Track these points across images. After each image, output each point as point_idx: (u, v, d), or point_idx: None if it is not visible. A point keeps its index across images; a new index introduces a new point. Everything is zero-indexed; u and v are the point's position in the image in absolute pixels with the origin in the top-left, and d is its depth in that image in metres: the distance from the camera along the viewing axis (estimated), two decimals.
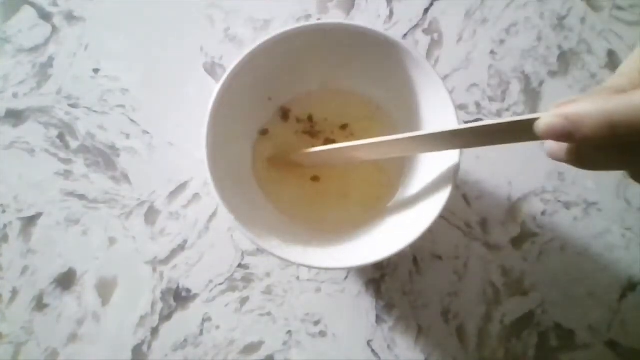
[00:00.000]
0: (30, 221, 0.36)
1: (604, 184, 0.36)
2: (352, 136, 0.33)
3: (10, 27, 0.39)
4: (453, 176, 0.27)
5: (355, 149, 0.28)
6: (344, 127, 0.33)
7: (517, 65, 0.38)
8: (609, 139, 0.16)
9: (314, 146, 0.32)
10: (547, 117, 0.18)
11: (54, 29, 0.39)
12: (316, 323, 0.35)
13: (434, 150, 0.28)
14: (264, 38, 0.27)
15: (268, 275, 0.35)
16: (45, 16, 0.39)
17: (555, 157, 0.19)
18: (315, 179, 0.33)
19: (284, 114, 0.33)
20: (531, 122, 0.19)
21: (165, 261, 0.35)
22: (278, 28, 0.32)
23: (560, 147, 0.19)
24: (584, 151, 0.18)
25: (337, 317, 0.35)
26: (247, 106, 0.30)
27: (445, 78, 0.37)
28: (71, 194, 0.36)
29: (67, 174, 0.37)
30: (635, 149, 0.17)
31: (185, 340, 0.34)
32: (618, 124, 0.16)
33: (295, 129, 0.33)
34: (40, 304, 0.35)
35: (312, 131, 0.33)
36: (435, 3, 0.39)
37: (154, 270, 0.35)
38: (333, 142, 0.33)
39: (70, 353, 0.34)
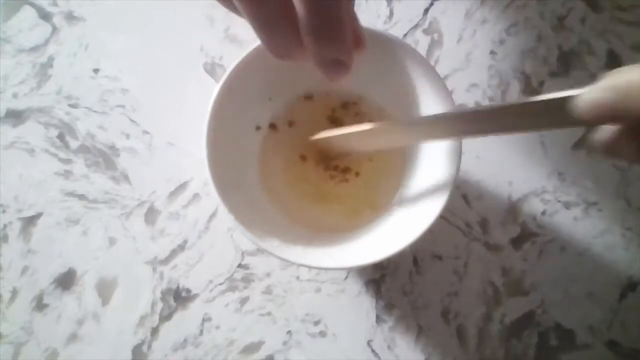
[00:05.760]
0: (30, 221, 0.36)
1: (604, 184, 0.36)
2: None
3: (10, 27, 0.39)
4: (453, 176, 0.27)
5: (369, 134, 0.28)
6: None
7: (517, 65, 0.38)
8: None
9: (316, 145, 0.32)
10: (592, 91, 0.12)
11: (54, 29, 0.39)
12: (316, 323, 0.35)
13: (442, 138, 0.27)
14: None
15: (268, 275, 0.35)
16: (45, 16, 0.39)
17: (614, 154, 0.13)
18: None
19: (308, 97, 0.33)
20: (565, 100, 0.13)
21: (165, 261, 0.35)
22: None
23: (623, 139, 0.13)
24: None
25: (337, 317, 0.35)
26: (247, 106, 0.30)
27: (445, 78, 0.37)
28: (71, 194, 0.36)
29: (67, 174, 0.37)
30: None
31: (185, 340, 0.34)
32: None
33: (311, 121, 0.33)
34: (40, 304, 0.35)
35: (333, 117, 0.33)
36: (435, 3, 0.39)
37: (154, 270, 0.35)
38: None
39: (70, 353, 0.34)
